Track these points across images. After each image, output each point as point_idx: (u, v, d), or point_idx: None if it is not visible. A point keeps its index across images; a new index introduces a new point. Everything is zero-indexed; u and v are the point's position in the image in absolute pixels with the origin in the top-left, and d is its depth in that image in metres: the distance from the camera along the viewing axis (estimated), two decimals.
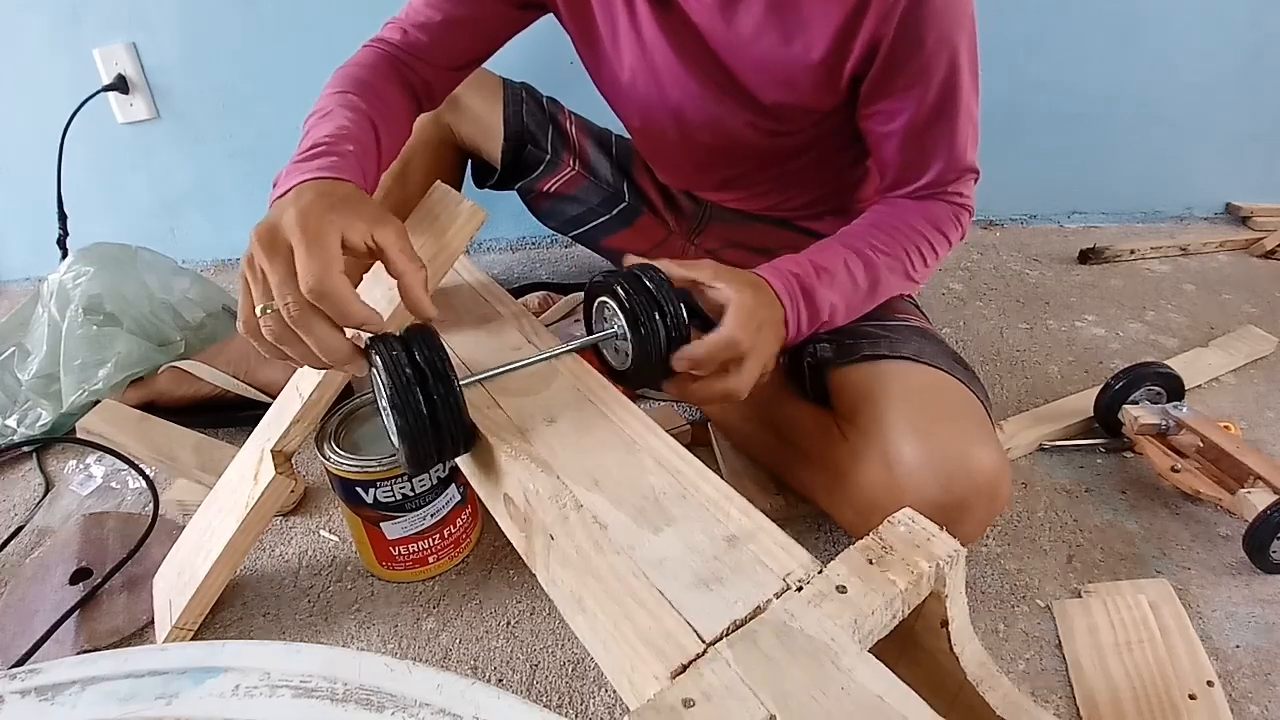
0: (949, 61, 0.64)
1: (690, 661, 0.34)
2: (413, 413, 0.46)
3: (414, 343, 0.47)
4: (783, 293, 0.63)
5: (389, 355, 0.46)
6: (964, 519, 0.61)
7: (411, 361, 0.46)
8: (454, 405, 0.47)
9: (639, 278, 0.57)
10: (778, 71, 0.69)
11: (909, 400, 0.64)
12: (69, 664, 0.30)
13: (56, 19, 1.24)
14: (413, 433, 0.46)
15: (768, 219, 0.93)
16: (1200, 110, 1.42)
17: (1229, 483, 0.78)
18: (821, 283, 0.66)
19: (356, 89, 0.67)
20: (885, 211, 0.73)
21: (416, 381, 0.46)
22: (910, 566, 0.37)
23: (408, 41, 0.73)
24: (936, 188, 0.72)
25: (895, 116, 0.68)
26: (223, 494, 0.70)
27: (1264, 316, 1.18)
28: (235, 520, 0.65)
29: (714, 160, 0.85)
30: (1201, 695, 0.61)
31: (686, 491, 0.44)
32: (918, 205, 0.73)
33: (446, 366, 0.47)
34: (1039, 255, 1.40)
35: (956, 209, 0.73)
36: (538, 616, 0.71)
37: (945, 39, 0.63)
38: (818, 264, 0.67)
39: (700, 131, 0.79)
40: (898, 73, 0.65)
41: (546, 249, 1.48)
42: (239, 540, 0.65)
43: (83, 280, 1.00)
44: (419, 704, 0.29)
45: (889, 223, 0.72)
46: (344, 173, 0.55)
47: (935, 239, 0.72)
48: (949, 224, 0.73)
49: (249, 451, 0.69)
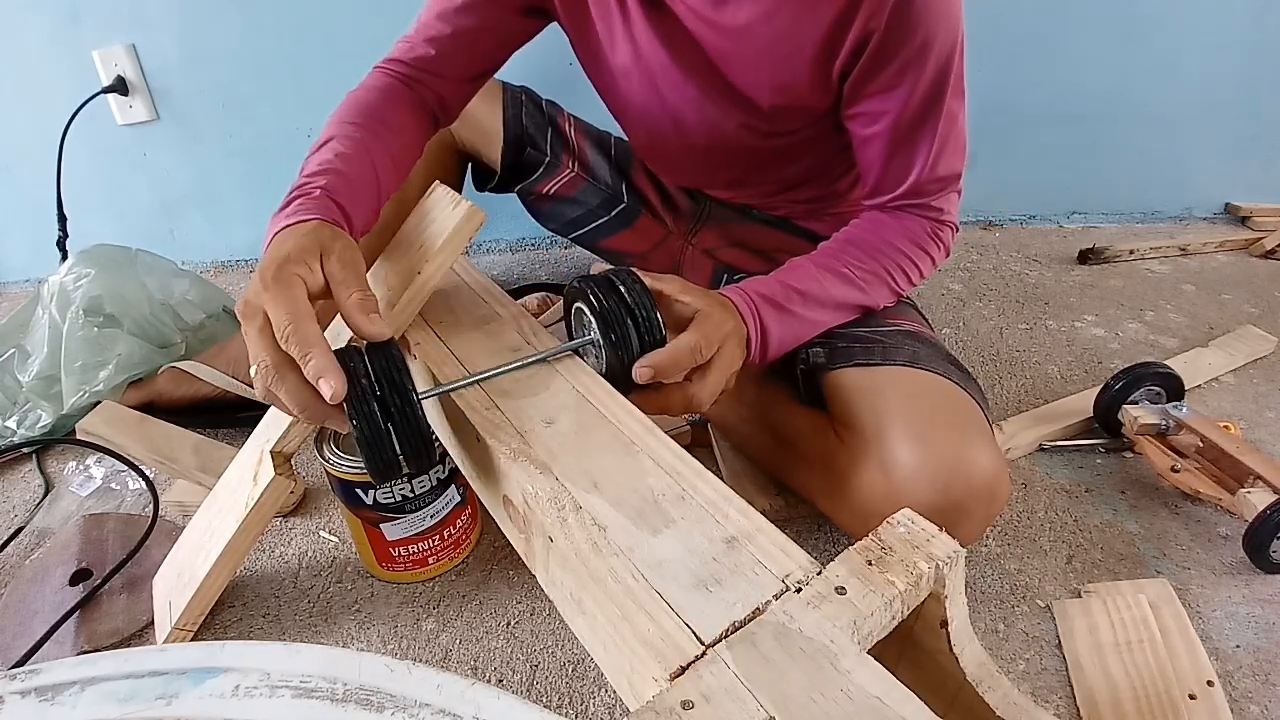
0: (935, 63, 0.63)
1: (689, 663, 0.34)
2: (369, 424, 0.46)
3: (372, 356, 0.48)
4: (746, 313, 0.63)
5: (346, 366, 0.47)
6: (962, 522, 0.61)
7: (367, 374, 0.47)
8: (411, 417, 0.47)
9: (613, 283, 0.56)
10: (770, 73, 0.69)
11: (905, 404, 0.64)
12: (69, 664, 0.30)
13: (56, 20, 1.24)
14: (369, 443, 0.46)
15: (767, 218, 0.93)
16: (1200, 110, 1.42)
17: (1229, 483, 0.78)
18: (790, 303, 0.66)
19: (359, 116, 0.68)
20: (862, 227, 0.72)
21: (373, 394, 0.46)
22: (909, 567, 0.37)
23: (417, 58, 0.74)
24: (916, 198, 0.71)
25: (878, 118, 0.67)
26: (222, 494, 0.70)
27: (1264, 316, 1.18)
28: (235, 521, 0.65)
29: (712, 163, 0.85)
30: (1201, 695, 0.61)
31: (685, 493, 0.44)
32: (895, 221, 0.72)
33: (403, 378, 0.47)
34: (1038, 255, 1.40)
35: (936, 225, 0.72)
36: (538, 617, 0.71)
37: (932, 39, 0.62)
38: (787, 284, 0.67)
39: (696, 133, 0.79)
40: (883, 69, 0.64)
41: (546, 250, 1.48)
42: (238, 541, 0.65)
43: (83, 282, 1.00)
44: (419, 704, 0.29)
45: (866, 239, 0.71)
46: (311, 213, 0.56)
47: (915, 255, 0.71)
48: (928, 240, 0.71)
49: (248, 452, 0.69)
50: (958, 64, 0.65)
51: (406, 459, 0.48)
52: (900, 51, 0.62)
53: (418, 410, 0.47)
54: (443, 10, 0.74)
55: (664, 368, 0.55)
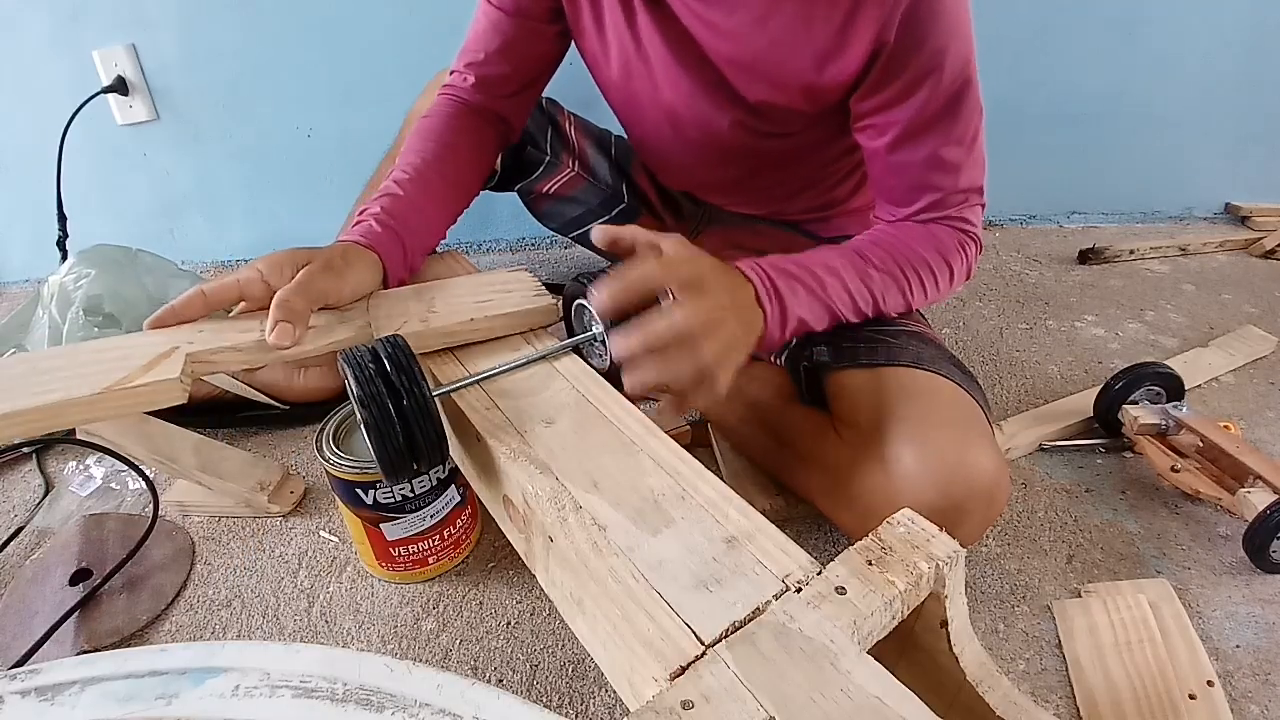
0: (949, 75, 0.63)
1: (689, 663, 0.34)
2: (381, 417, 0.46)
3: (383, 350, 0.48)
4: (750, 273, 0.59)
5: (356, 359, 0.47)
6: (962, 522, 0.61)
7: (380, 368, 0.47)
8: (424, 409, 0.47)
9: None
10: (761, 69, 0.69)
11: (907, 404, 0.64)
12: (69, 664, 0.30)
13: (56, 20, 1.24)
14: (382, 438, 0.46)
15: (769, 221, 0.93)
16: (1200, 110, 1.42)
17: (1229, 483, 0.78)
18: (802, 274, 0.62)
19: (421, 142, 0.78)
20: (888, 230, 0.71)
21: (385, 388, 0.46)
22: (909, 567, 0.37)
23: (468, 82, 0.83)
24: (939, 210, 0.69)
25: (887, 130, 0.66)
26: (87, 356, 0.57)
27: (1264, 316, 1.18)
28: (95, 386, 0.52)
29: (709, 163, 0.85)
30: (1201, 695, 0.61)
31: (685, 493, 0.44)
32: (923, 229, 0.70)
33: (416, 371, 0.47)
34: (1039, 255, 1.40)
35: (962, 236, 0.70)
36: (538, 617, 0.71)
37: (943, 51, 0.62)
38: (799, 261, 0.63)
39: (691, 130, 0.79)
40: (893, 80, 0.63)
41: (546, 250, 1.48)
42: (91, 404, 0.51)
43: (83, 282, 1.00)
44: (419, 704, 0.29)
45: (889, 241, 0.69)
46: (347, 235, 0.68)
47: (937, 265, 0.69)
48: (954, 252, 0.69)
49: (152, 339, 0.58)
50: (971, 79, 0.64)
51: (419, 454, 0.48)
52: (910, 63, 0.62)
53: (429, 398, 0.47)
54: (481, 30, 0.81)
55: (615, 297, 0.51)
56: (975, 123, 0.67)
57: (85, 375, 0.54)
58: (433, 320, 0.59)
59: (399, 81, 1.27)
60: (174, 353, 0.56)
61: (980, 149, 0.69)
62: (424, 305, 0.62)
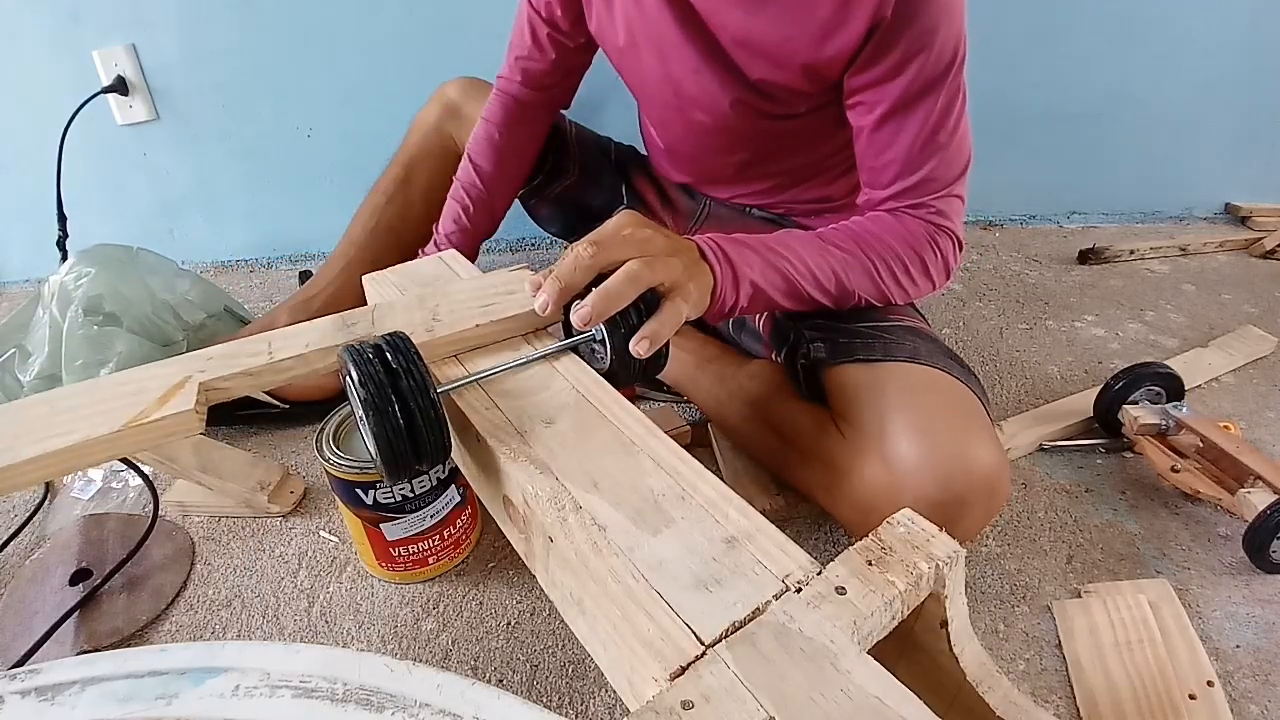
0: (935, 55, 0.64)
1: (689, 663, 0.34)
2: (386, 415, 0.45)
3: (387, 348, 0.47)
4: (697, 240, 0.61)
5: (360, 356, 0.46)
6: (963, 516, 0.61)
7: (385, 365, 0.46)
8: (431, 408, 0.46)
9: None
10: (762, 46, 0.70)
11: (907, 398, 0.64)
12: (69, 664, 0.30)
13: (56, 20, 1.24)
14: (387, 436, 0.46)
15: (765, 216, 0.93)
16: (1200, 110, 1.42)
17: (1229, 483, 0.78)
18: (754, 240, 0.63)
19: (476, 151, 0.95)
20: (855, 219, 0.71)
21: (390, 386, 0.46)
22: (909, 567, 0.37)
23: (516, 80, 0.92)
24: (913, 198, 0.70)
25: (874, 107, 0.67)
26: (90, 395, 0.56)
27: (1264, 316, 1.18)
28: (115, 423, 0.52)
29: (713, 145, 0.86)
30: (1201, 695, 0.61)
31: (685, 493, 0.44)
32: (893, 219, 0.70)
33: (422, 369, 0.47)
34: (1038, 255, 1.40)
35: (934, 229, 0.70)
36: (538, 617, 0.71)
37: (933, 31, 0.63)
38: (753, 235, 0.64)
39: (694, 109, 0.80)
40: (884, 56, 0.64)
41: (546, 250, 1.48)
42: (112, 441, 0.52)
43: (84, 281, 1.00)
44: (419, 704, 0.29)
45: (853, 227, 0.70)
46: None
47: (906, 253, 0.69)
48: (925, 244, 0.69)
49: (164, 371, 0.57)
50: (958, 64, 0.65)
51: (424, 453, 0.47)
52: (901, 40, 0.63)
53: (435, 398, 0.47)
54: (522, 27, 0.89)
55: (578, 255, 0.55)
56: (958, 110, 0.67)
57: (104, 412, 0.54)
58: (438, 330, 0.59)
59: (399, 81, 1.27)
60: (186, 383, 0.56)
61: (961, 141, 0.69)
62: (428, 314, 0.62)
